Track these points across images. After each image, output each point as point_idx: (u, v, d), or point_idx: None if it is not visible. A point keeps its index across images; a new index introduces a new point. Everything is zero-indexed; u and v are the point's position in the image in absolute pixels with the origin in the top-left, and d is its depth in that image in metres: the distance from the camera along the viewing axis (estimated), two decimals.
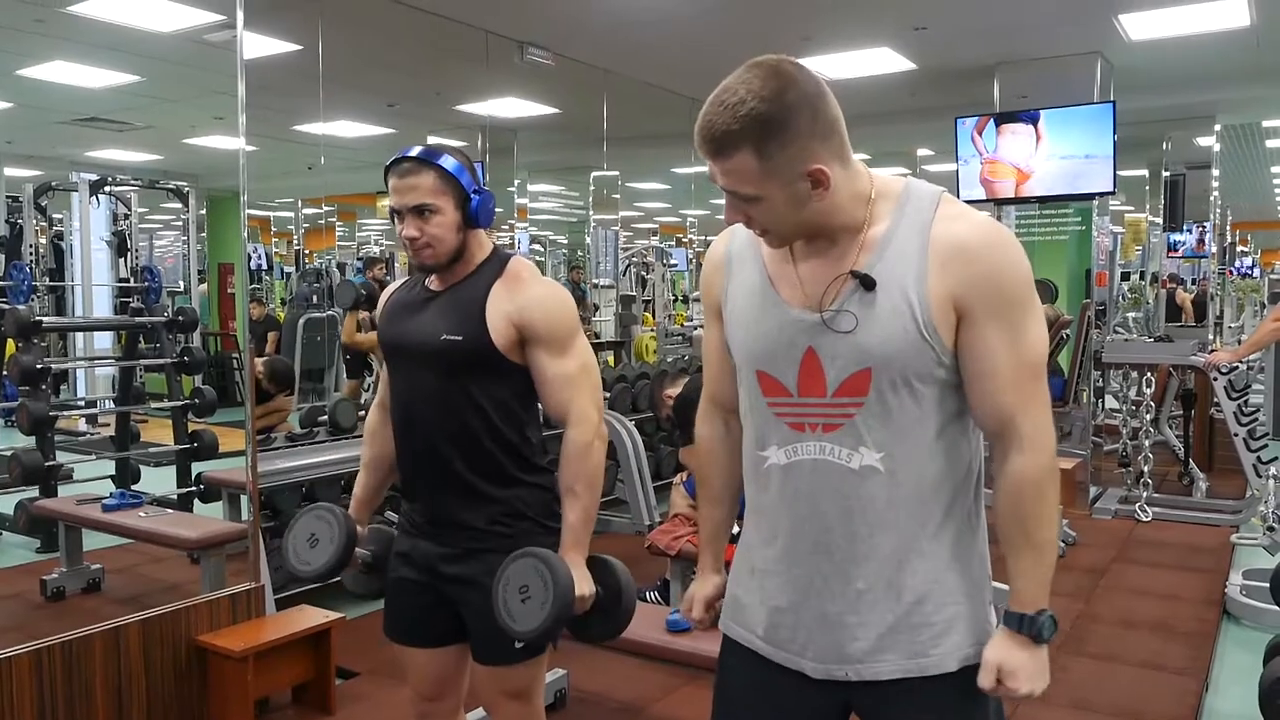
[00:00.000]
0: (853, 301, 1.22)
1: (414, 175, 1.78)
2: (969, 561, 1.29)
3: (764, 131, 1.15)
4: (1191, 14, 5.37)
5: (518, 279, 1.84)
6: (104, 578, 4.29)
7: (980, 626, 1.29)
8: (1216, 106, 7.69)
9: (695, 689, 3.00)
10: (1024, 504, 1.25)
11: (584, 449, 1.80)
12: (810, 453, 1.27)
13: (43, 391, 4.56)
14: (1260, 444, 5.36)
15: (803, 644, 1.30)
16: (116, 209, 7.76)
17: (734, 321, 1.35)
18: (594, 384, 1.86)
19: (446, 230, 1.80)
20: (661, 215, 15.99)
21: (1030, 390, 1.24)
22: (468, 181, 1.81)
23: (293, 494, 4.17)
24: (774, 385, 1.29)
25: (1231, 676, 3.43)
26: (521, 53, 5.92)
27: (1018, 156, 5.91)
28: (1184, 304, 10.27)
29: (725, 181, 1.20)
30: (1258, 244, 18.61)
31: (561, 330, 1.82)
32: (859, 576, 1.26)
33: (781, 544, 1.31)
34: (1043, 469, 1.24)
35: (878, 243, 1.23)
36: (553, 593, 1.66)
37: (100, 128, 8.25)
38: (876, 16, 5.42)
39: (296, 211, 11.29)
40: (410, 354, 1.87)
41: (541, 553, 1.72)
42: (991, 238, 1.23)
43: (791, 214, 1.22)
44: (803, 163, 1.18)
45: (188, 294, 9.41)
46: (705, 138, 1.19)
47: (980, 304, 1.20)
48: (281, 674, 3.05)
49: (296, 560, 1.93)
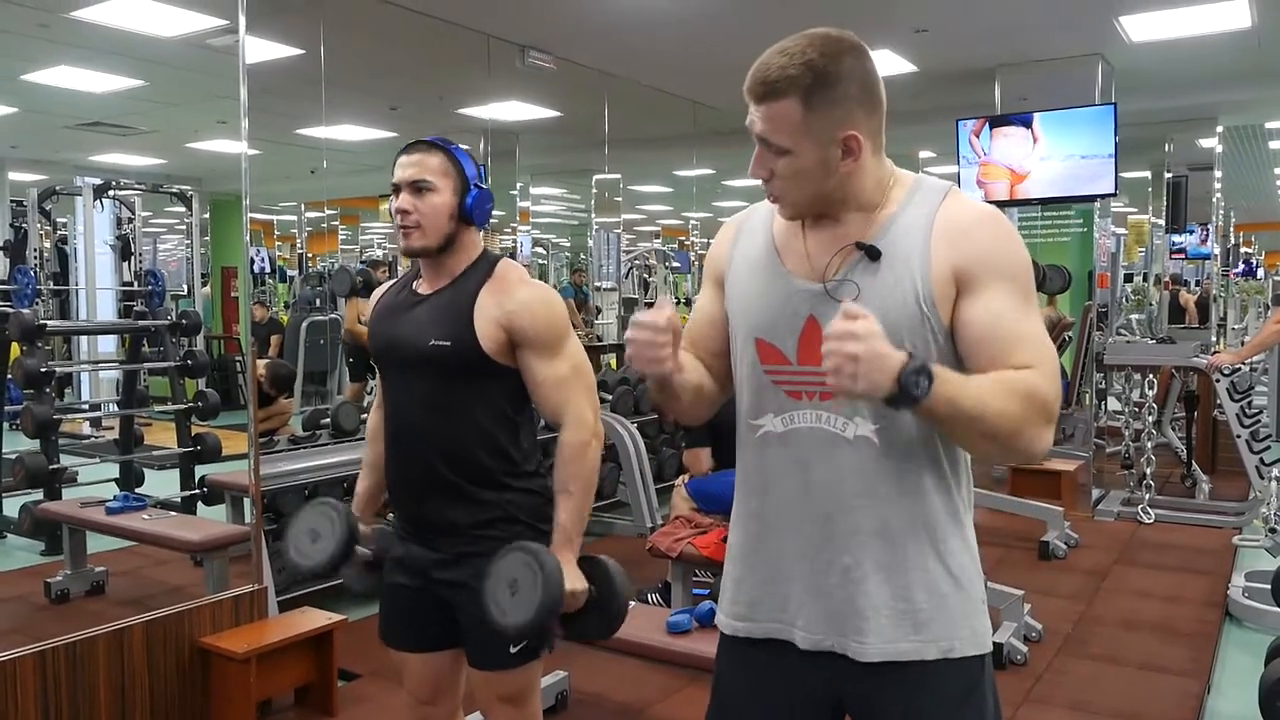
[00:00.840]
0: (856, 272, 1.25)
1: (422, 154, 1.82)
2: (959, 550, 1.29)
3: (815, 83, 1.19)
4: (1192, 15, 5.37)
5: (505, 282, 1.83)
6: (108, 580, 4.31)
7: (969, 619, 1.29)
8: (1218, 108, 7.68)
9: (696, 690, 3.00)
10: (1032, 399, 1.19)
11: (579, 450, 1.79)
12: (806, 420, 1.29)
13: (47, 395, 4.57)
14: (1263, 446, 5.36)
15: (793, 613, 1.31)
16: (120, 213, 7.76)
17: (735, 290, 1.37)
18: (588, 384, 1.85)
19: (439, 213, 1.80)
20: (663, 218, 16.01)
21: (1041, 352, 1.22)
22: (472, 173, 1.83)
23: (295, 497, 4.18)
24: (773, 353, 1.31)
25: (1233, 678, 3.43)
26: (523, 56, 5.94)
27: (1012, 159, 5.91)
28: (1187, 305, 10.26)
29: (764, 128, 1.22)
30: (1261, 245, 18.57)
31: (551, 333, 1.81)
32: (846, 551, 1.27)
33: (774, 515, 1.32)
34: (1052, 410, 1.20)
35: (885, 221, 1.27)
36: (541, 586, 1.65)
37: (104, 132, 8.28)
38: (878, 19, 5.42)
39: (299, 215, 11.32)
40: (400, 359, 1.87)
41: (532, 547, 1.71)
42: (994, 219, 1.28)
43: (816, 178, 1.24)
44: (841, 127, 1.22)
45: (191, 297, 9.41)
46: (758, 79, 1.22)
47: (981, 270, 1.23)
48: (284, 676, 3.07)
49: (297, 554, 1.93)
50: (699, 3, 5.09)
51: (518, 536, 1.80)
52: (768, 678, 1.36)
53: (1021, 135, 5.86)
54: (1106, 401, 6.76)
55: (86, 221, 7.89)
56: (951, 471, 1.29)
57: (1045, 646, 3.65)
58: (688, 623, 2.79)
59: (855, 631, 1.27)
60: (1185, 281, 11.04)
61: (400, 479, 1.92)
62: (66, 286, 8.38)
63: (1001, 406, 1.16)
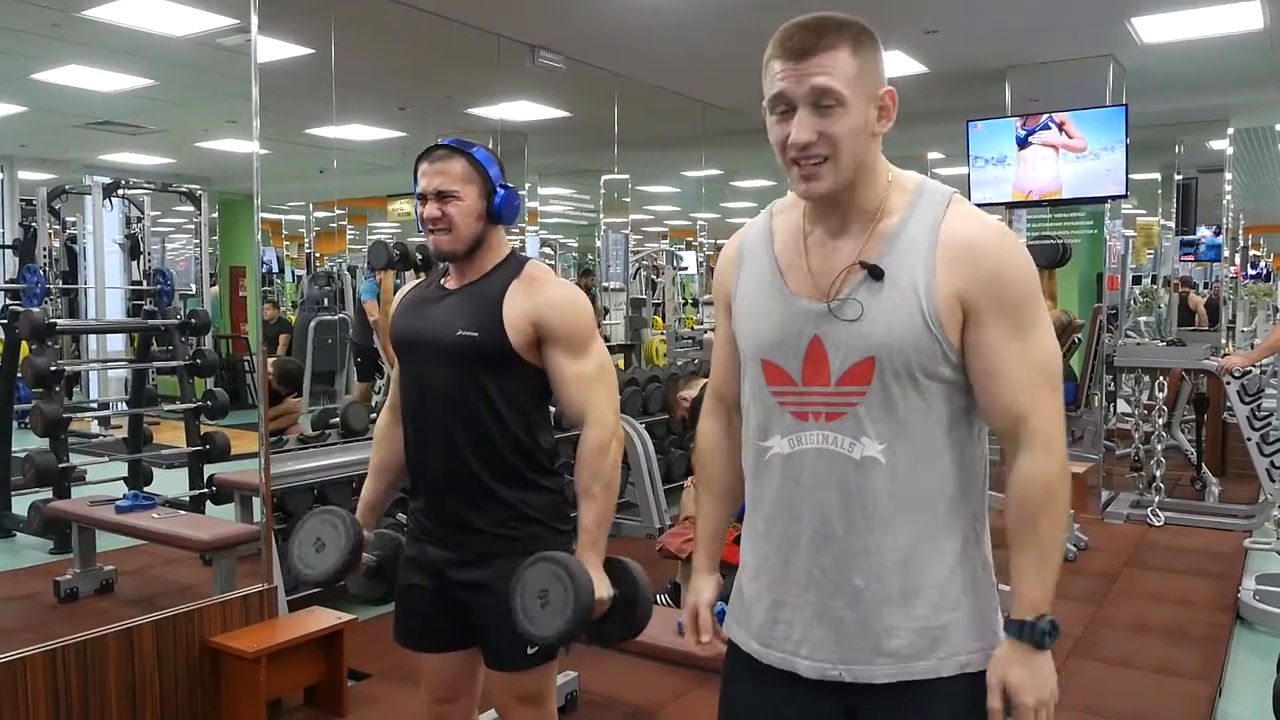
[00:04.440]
0: (860, 291, 1.24)
1: (444, 161, 1.82)
2: (971, 566, 1.28)
3: (861, 36, 1.22)
4: (1204, 17, 5.35)
5: (535, 280, 1.85)
6: (117, 579, 4.31)
7: (982, 634, 1.28)
8: (1230, 110, 7.65)
9: (706, 692, 2.99)
10: (1033, 505, 1.24)
11: (601, 449, 1.79)
12: (813, 442, 1.27)
13: (56, 393, 4.58)
14: (1274, 449, 5.31)
15: (798, 641, 1.30)
16: (129, 212, 7.79)
17: (741, 312, 1.36)
18: (611, 385, 1.86)
19: (467, 216, 1.81)
20: (672, 219, 16.01)
21: (1041, 391, 1.24)
22: (495, 174, 1.84)
23: (304, 496, 4.18)
24: (779, 374, 1.30)
25: (1244, 682, 3.41)
26: (532, 56, 5.94)
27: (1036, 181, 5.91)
28: (1197, 308, 10.22)
29: (818, 80, 1.19)
30: (1270, 248, 18.50)
31: (579, 331, 1.82)
32: (857, 573, 1.26)
33: (781, 537, 1.31)
34: (1053, 470, 1.24)
35: (888, 235, 1.25)
36: (573, 597, 1.65)
37: (114, 131, 8.31)
38: (888, 20, 5.41)
39: (308, 215, 11.35)
40: (424, 349, 1.87)
41: (560, 557, 1.71)
42: (999, 240, 1.25)
43: (862, 140, 1.23)
44: (880, 82, 1.23)
45: (200, 297, 9.45)
46: (808, 31, 1.20)
47: (986, 303, 1.22)
48: (294, 675, 3.07)
49: (302, 564, 1.94)
50: (708, 4, 5.09)
51: (534, 537, 1.81)
52: (776, 695, 1.34)
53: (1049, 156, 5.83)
54: (1116, 404, 6.73)
55: (96, 220, 7.93)
56: (963, 486, 1.28)
57: (1055, 650, 3.60)
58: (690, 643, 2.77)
59: (868, 652, 1.26)
60: (1194, 284, 11.00)
61: (421, 473, 1.91)
62: (76, 285, 8.42)
63: (1057, 538, 1.26)
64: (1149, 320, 9.56)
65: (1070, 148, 5.77)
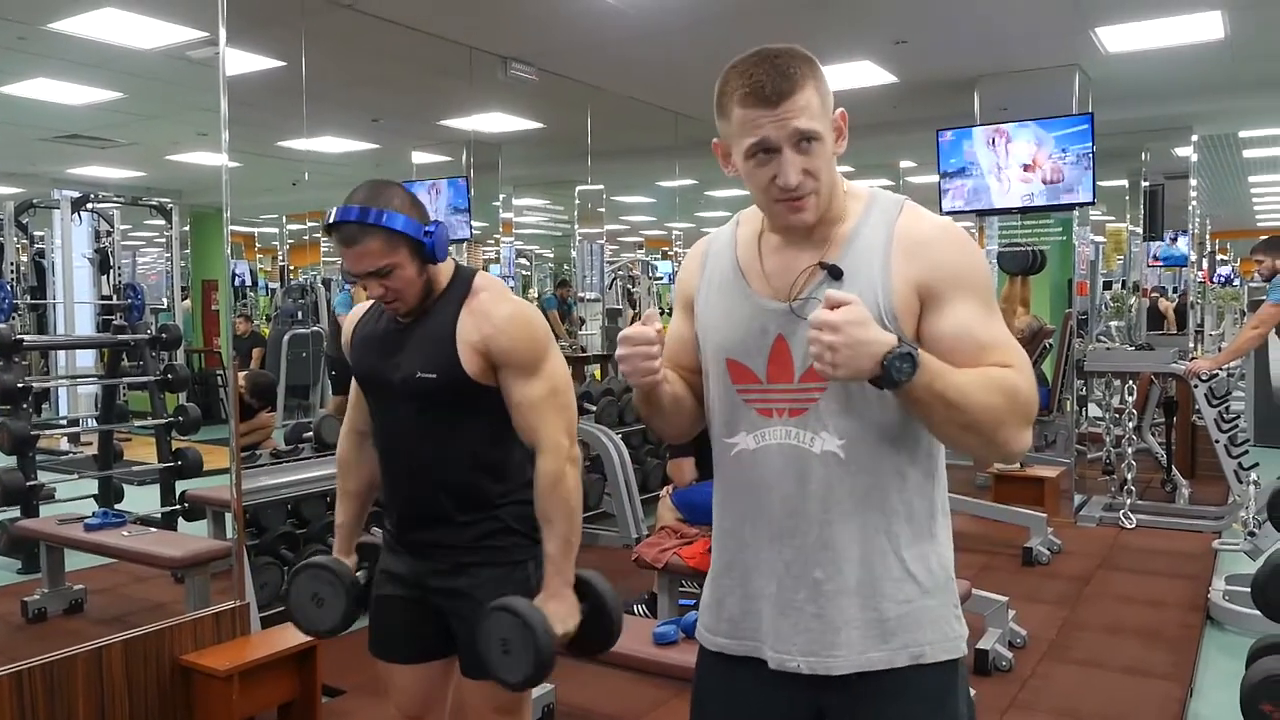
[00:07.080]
0: (820, 290, 1.26)
1: (360, 243, 1.73)
2: (928, 560, 1.31)
3: (815, 67, 1.26)
4: (1167, 27, 5.44)
5: (482, 303, 1.82)
6: (87, 598, 4.25)
7: (940, 628, 1.31)
8: (1193, 118, 7.78)
9: (682, 702, 2.98)
10: (1014, 397, 1.22)
11: (555, 479, 1.78)
12: (777, 437, 1.30)
13: (24, 410, 4.52)
14: (1241, 450, 5.40)
15: (765, 632, 1.33)
16: (99, 226, 7.71)
17: (706, 312, 1.39)
18: (562, 406, 1.82)
19: (411, 281, 1.79)
20: (647, 229, 16.04)
21: (1010, 352, 1.25)
22: (415, 228, 1.76)
23: (277, 511, 4.15)
24: (744, 372, 1.33)
25: (1215, 681, 3.45)
26: (505, 68, 5.95)
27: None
28: (1166, 312, 10.34)
29: (799, 122, 1.22)
30: (1236, 253, 18.79)
31: (529, 353, 1.80)
32: (817, 565, 1.29)
33: (747, 531, 1.34)
34: (1030, 409, 1.24)
35: (846, 238, 1.30)
36: (533, 651, 1.67)
37: (82, 144, 8.22)
38: (858, 31, 5.46)
39: (280, 227, 11.26)
40: (388, 389, 1.86)
41: (517, 606, 1.70)
42: (950, 231, 1.31)
43: (831, 165, 1.28)
44: (831, 105, 1.28)
45: (171, 311, 9.35)
46: (777, 74, 1.22)
47: (943, 284, 1.26)
48: (267, 693, 3.03)
49: (306, 623, 1.98)
50: (680, 15, 5.12)
51: (515, 546, 1.84)
52: (746, 692, 1.37)
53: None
54: (1087, 408, 6.81)
55: (64, 235, 7.82)
56: (921, 481, 1.31)
57: (1029, 652, 3.67)
58: (674, 634, 2.77)
59: (828, 645, 1.29)
60: (1164, 289, 11.15)
61: (394, 500, 1.93)
62: (44, 300, 8.30)
63: (984, 399, 1.20)
64: (1119, 325, 9.67)
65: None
